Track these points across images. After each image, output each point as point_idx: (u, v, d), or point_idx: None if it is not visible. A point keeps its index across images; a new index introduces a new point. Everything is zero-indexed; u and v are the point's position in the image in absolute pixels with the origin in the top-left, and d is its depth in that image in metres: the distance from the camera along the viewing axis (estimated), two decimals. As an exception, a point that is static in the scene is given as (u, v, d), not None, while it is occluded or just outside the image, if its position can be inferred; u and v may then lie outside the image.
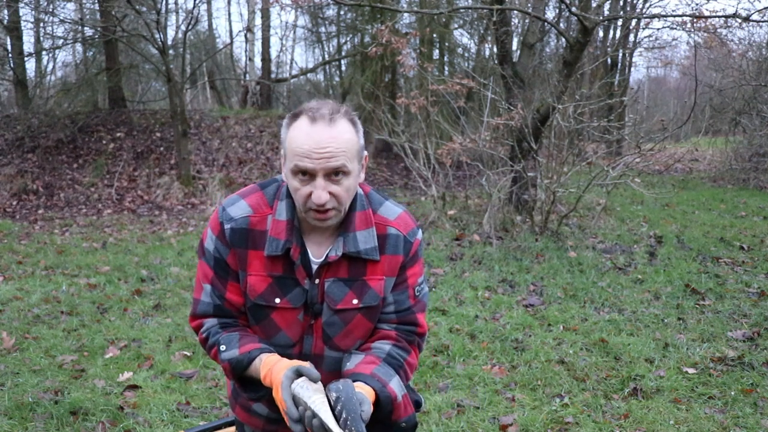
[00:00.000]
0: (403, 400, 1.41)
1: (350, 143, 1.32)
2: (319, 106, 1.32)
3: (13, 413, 2.96)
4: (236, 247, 1.41)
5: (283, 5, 7.92)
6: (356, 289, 1.43)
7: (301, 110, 1.34)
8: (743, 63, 12.66)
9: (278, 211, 1.40)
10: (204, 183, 10.11)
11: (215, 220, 1.43)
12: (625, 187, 8.43)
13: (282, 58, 18.78)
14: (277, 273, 1.40)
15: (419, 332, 1.52)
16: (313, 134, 1.28)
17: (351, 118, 1.35)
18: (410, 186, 10.65)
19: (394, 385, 1.38)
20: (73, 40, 12.12)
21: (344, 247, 1.40)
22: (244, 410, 1.60)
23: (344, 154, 1.30)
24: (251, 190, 1.46)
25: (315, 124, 1.29)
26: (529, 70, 8.29)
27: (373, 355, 1.44)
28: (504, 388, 3.29)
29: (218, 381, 3.37)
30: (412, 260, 1.49)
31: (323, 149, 1.28)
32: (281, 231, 1.39)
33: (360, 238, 1.41)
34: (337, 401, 1.22)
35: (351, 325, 1.45)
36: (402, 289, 1.49)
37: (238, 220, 1.40)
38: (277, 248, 1.38)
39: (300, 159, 1.29)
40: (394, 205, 1.51)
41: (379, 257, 1.43)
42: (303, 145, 1.28)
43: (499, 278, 5.33)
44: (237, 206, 1.42)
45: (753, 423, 2.87)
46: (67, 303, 4.70)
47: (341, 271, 1.42)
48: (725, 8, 20.80)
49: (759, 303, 4.55)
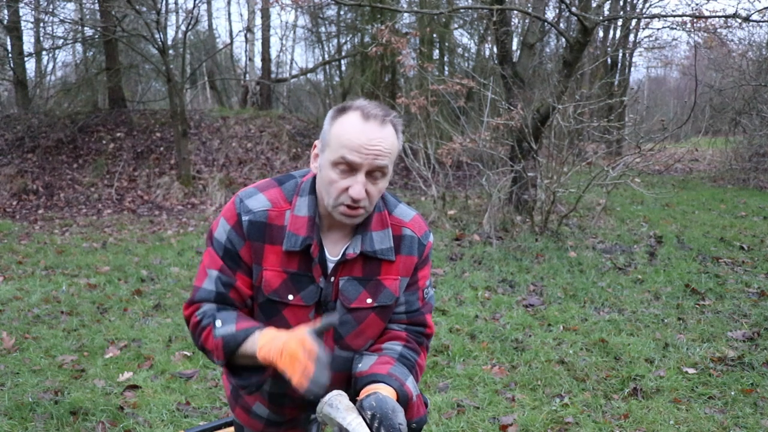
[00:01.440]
0: (417, 400, 1.42)
1: (394, 147, 1.35)
2: (371, 106, 1.35)
3: (13, 413, 2.96)
4: (253, 240, 1.39)
5: (283, 5, 7.92)
6: (370, 289, 1.43)
7: (349, 106, 1.35)
8: (743, 63, 12.67)
9: (298, 206, 1.40)
10: (204, 183, 10.11)
11: (231, 210, 1.40)
12: (625, 187, 8.43)
13: (282, 58, 18.78)
14: (292, 269, 1.40)
15: (427, 333, 1.53)
16: (366, 130, 1.30)
17: (395, 123, 1.37)
18: (410, 186, 10.65)
19: (410, 384, 1.39)
20: (73, 40, 12.12)
21: (362, 246, 1.41)
22: (244, 412, 1.59)
23: (389, 155, 1.33)
24: (269, 184, 1.45)
25: (368, 121, 1.31)
26: (529, 70, 8.29)
27: (387, 356, 1.44)
28: (504, 388, 3.29)
29: (218, 381, 3.37)
30: (423, 262, 1.51)
31: (373, 146, 1.30)
32: (301, 227, 1.38)
33: (376, 238, 1.42)
34: (373, 419, 1.21)
35: (364, 324, 1.45)
36: (413, 290, 1.50)
37: (257, 213, 1.38)
38: (296, 244, 1.37)
39: (349, 152, 1.30)
40: (407, 208, 1.52)
41: (395, 257, 1.44)
42: (354, 140, 1.30)
43: (499, 278, 5.33)
44: (255, 199, 1.40)
45: (753, 423, 2.87)
46: (67, 303, 4.70)
47: (356, 270, 1.43)
48: (725, 8, 20.81)
49: (759, 303, 4.55)
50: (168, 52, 10.22)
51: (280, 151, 11.24)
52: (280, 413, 1.55)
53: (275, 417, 1.56)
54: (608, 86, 11.01)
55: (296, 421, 1.59)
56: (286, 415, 1.56)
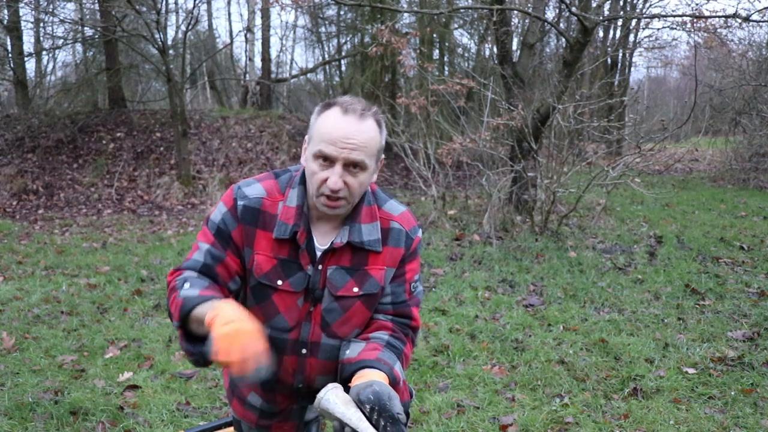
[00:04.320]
0: (404, 385, 1.48)
1: (373, 141, 1.40)
2: (352, 101, 1.40)
3: (13, 413, 2.96)
4: (246, 224, 1.45)
5: (283, 5, 7.91)
6: (357, 278, 1.48)
7: (334, 102, 1.41)
8: (743, 63, 12.66)
9: (289, 197, 1.47)
10: (204, 183, 10.11)
11: (229, 195, 1.48)
12: (625, 187, 8.43)
13: (282, 58, 18.78)
14: (282, 256, 1.45)
15: (413, 326, 1.56)
16: (342, 124, 1.36)
17: (378, 119, 1.42)
18: (410, 186, 10.65)
19: (398, 369, 1.43)
20: (73, 40, 12.12)
21: (349, 236, 1.46)
22: (239, 403, 1.63)
23: (365, 149, 1.38)
24: (266, 176, 1.53)
25: (346, 115, 1.37)
26: (529, 70, 8.29)
27: (375, 343, 1.48)
28: (504, 388, 3.28)
29: (218, 381, 3.37)
30: (411, 256, 1.55)
31: (348, 140, 1.35)
32: (290, 216, 1.45)
33: (365, 230, 1.48)
34: (372, 411, 1.23)
35: (350, 312, 1.50)
36: (399, 282, 1.54)
37: (252, 200, 1.45)
38: (285, 232, 1.44)
39: (325, 145, 1.36)
40: (398, 204, 1.58)
41: (382, 249, 1.50)
42: (331, 133, 1.36)
43: (499, 278, 5.33)
44: (252, 187, 1.48)
45: (753, 423, 2.87)
46: (67, 303, 4.70)
47: (343, 260, 1.48)
48: (725, 8, 20.80)
49: (759, 303, 4.55)
50: (168, 52, 10.22)
51: (280, 151, 11.24)
52: (272, 402, 1.60)
53: (268, 407, 1.60)
54: (608, 86, 11.01)
55: (289, 413, 1.63)
56: (278, 404, 1.60)
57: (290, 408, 1.62)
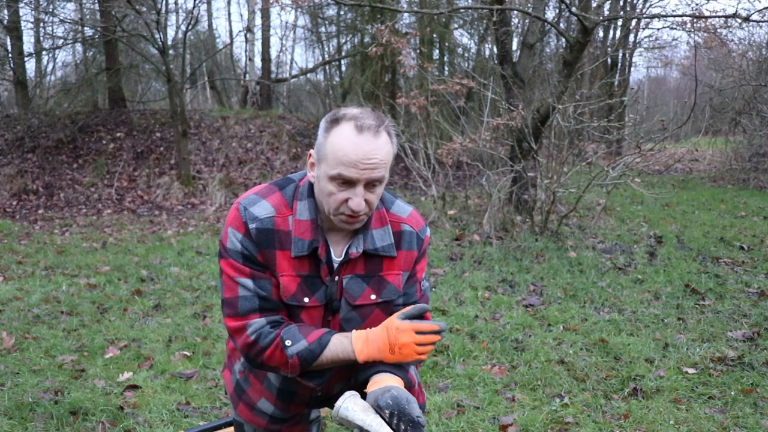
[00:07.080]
0: (419, 387, 1.50)
1: (389, 155, 1.36)
2: (363, 115, 1.34)
3: (13, 413, 2.96)
4: (263, 248, 1.40)
5: (283, 5, 7.91)
6: (374, 285, 1.46)
7: (342, 116, 1.35)
8: (743, 63, 12.66)
9: (299, 211, 1.42)
10: (204, 183, 10.11)
11: (238, 219, 1.40)
12: (625, 187, 8.43)
13: (282, 58, 18.79)
14: (304, 272, 1.42)
15: None
16: (361, 144, 1.30)
17: (389, 131, 1.38)
18: (410, 186, 10.65)
19: (413, 372, 1.44)
20: (73, 40, 12.12)
21: (364, 245, 1.44)
22: (248, 408, 1.60)
23: (385, 165, 1.35)
24: (269, 190, 1.46)
25: (362, 134, 1.31)
26: (529, 70, 8.29)
27: None
28: (504, 388, 3.28)
29: (218, 381, 3.37)
30: (421, 256, 1.55)
31: (369, 160, 1.31)
32: (305, 231, 1.40)
33: (377, 235, 1.46)
34: (392, 416, 1.24)
35: (369, 320, 1.48)
36: (412, 282, 1.54)
37: (264, 220, 1.39)
38: (303, 248, 1.40)
39: (345, 168, 1.31)
40: (404, 204, 1.56)
41: (396, 253, 1.48)
42: (349, 156, 1.30)
43: (499, 278, 5.33)
44: (260, 206, 1.41)
45: (753, 423, 2.87)
46: (67, 303, 4.70)
47: (358, 268, 1.46)
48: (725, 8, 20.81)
49: (759, 303, 4.55)
50: (168, 52, 10.22)
51: (280, 151, 11.24)
52: (285, 410, 1.57)
53: (280, 414, 1.58)
54: (608, 86, 11.01)
55: (300, 417, 1.62)
56: (291, 411, 1.58)
57: (302, 413, 1.61)
